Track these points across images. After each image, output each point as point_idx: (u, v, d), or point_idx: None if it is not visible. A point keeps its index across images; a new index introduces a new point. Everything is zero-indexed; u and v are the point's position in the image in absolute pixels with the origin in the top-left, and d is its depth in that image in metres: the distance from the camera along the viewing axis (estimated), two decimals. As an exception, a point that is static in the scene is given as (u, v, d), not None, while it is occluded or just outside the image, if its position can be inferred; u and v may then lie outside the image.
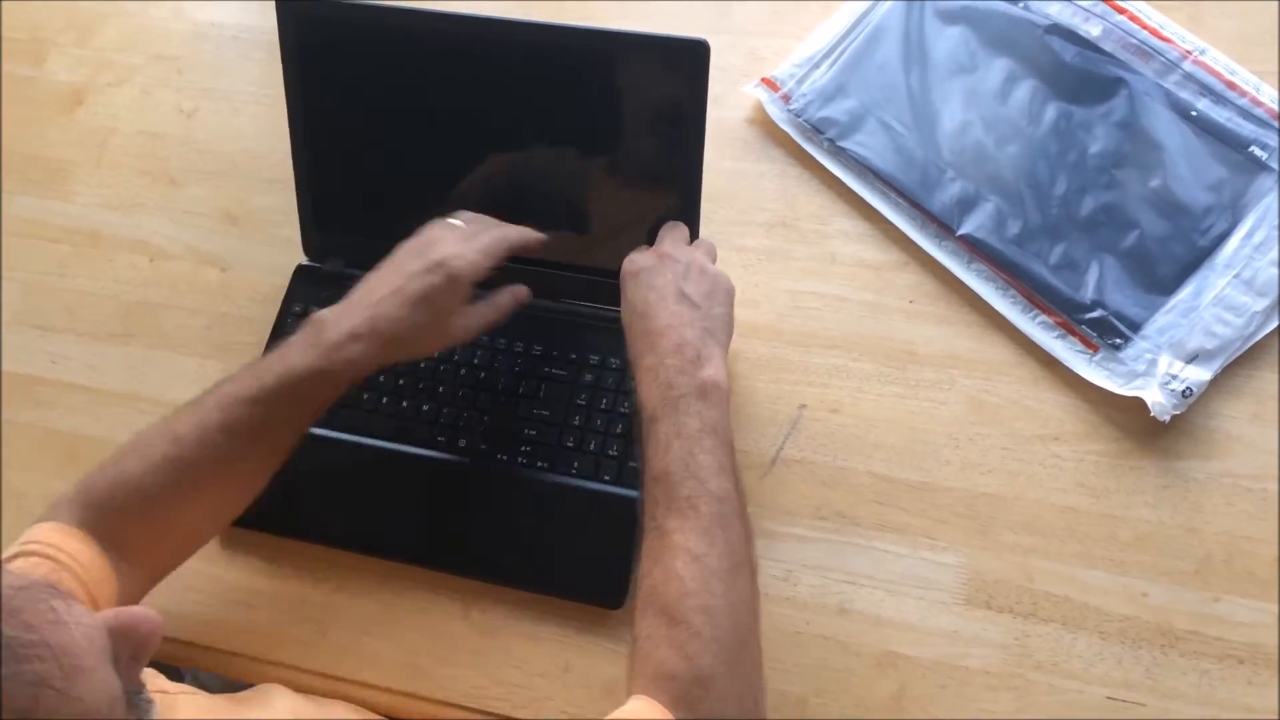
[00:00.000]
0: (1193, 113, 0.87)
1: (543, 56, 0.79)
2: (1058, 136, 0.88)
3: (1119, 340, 0.82)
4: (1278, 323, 0.81)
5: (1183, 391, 0.79)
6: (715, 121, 0.78)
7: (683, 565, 0.61)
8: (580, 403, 0.84)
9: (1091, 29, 0.90)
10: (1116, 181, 0.86)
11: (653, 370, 0.69)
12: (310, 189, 0.89)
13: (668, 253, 0.74)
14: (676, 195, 0.80)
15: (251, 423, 0.70)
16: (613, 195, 0.83)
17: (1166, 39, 0.89)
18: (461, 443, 0.84)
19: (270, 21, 0.83)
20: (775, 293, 0.88)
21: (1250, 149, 0.85)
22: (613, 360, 0.85)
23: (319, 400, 0.72)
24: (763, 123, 0.95)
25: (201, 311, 0.95)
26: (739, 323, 0.75)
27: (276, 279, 0.93)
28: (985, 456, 0.81)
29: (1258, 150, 0.85)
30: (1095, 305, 0.83)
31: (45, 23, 1.11)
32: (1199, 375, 0.80)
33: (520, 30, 0.79)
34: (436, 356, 0.86)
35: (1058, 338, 0.83)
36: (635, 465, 0.80)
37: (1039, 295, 0.84)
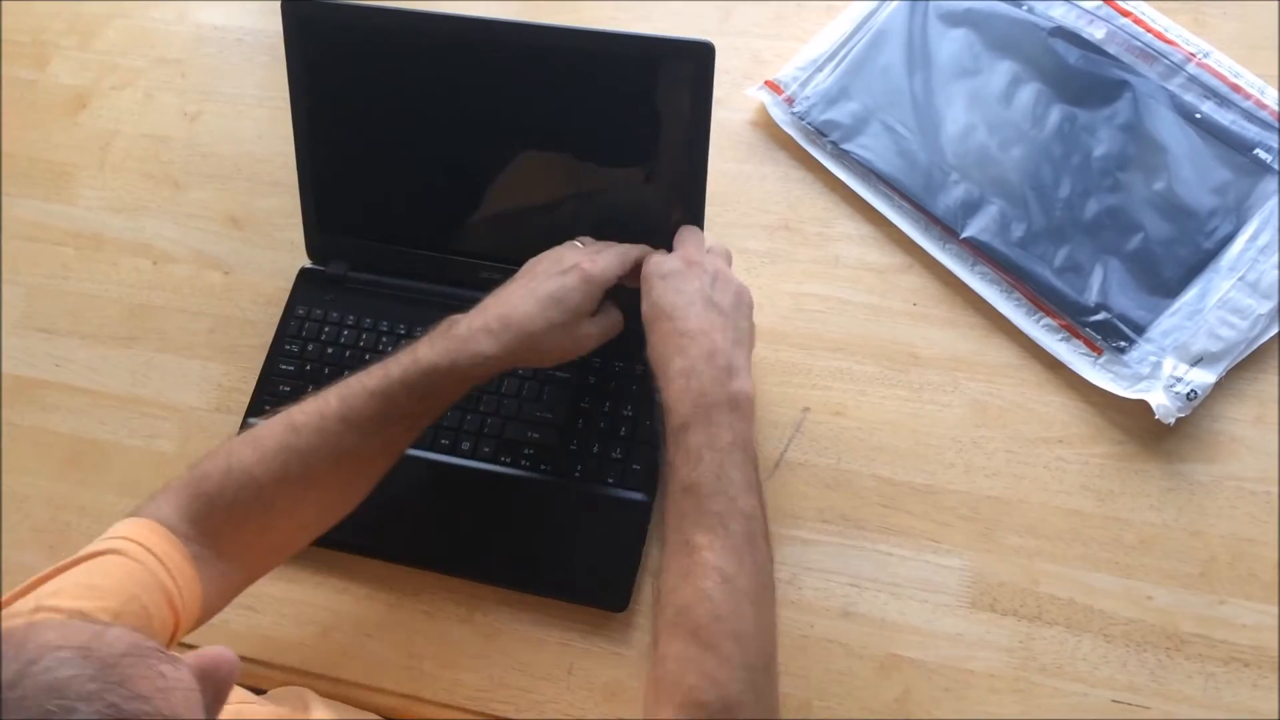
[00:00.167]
0: (1197, 115, 0.87)
1: (547, 59, 0.79)
2: (1062, 139, 0.88)
3: (1123, 343, 0.82)
4: (1282, 325, 0.81)
5: (1187, 394, 0.79)
6: (718, 124, 0.78)
7: (714, 587, 0.61)
8: (584, 406, 0.84)
9: (1095, 32, 0.90)
10: (1121, 184, 0.86)
11: (685, 374, 0.67)
12: (314, 192, 0.89)
13: (695, 259, 0.73)
14: (681, 197, 0.80)
15: (371, 414, 0.69)
16: (616, 197, 0.83)
17: (1170, 42, 0.89)
18: (464, 446, 0.84)
19: (273, 25, 0.83)
20: (778, 295, 0.88)
21: (1254, 151, 0.85)
22: (616, 363, 0.84)
23: (442, 396, 0.71)
24: (766, 125, 0.95)
25: (204, 314, 0.95)
26: (743, 325, 0.75)
27: (280, 282, 0.94)
28: (989, 459, 0.81)
29: (1262, 153, 0.85)
30: (1099, 308, 0.83)
31: (48, 26, 1.11)
32: (1203, 378, 0.80)
33: (524, 33, 0.79)
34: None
35: (1062, 340, 0.83)
36: (659, 465, 0.76)
37: (1043, 298, 0.84)
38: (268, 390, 0.88)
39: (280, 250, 0.96)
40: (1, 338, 0.97)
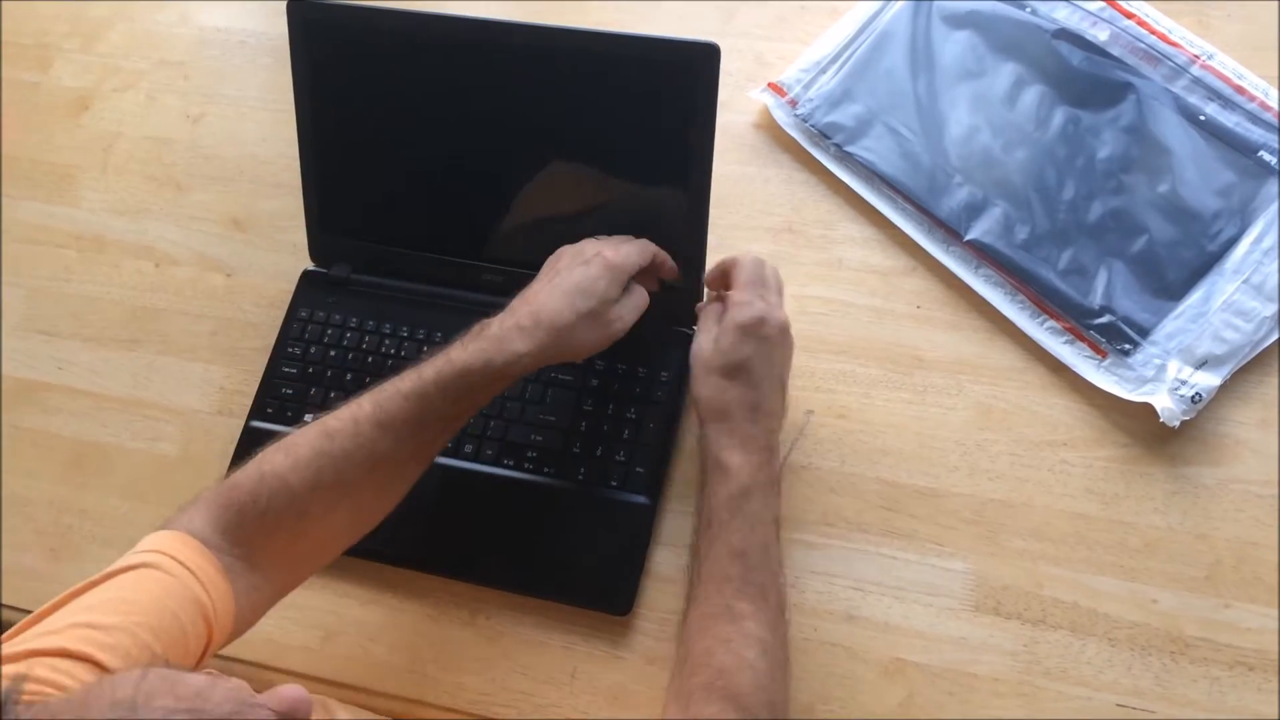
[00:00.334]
0: (1201, 117, 0.87)
1: (551, 60, 0.79)
2: (1066, 141, 0.88)
3: (1128, 346, 0.82)
4: (1287, 328, 0.81)
5: (1192, 397, 0.79)
6: (721, 126, 0.78)
7: (756, 657, 0.65)
8: (587, 408, 0.84)
9: (1099, 34, 0.90)
10: (1125, 186, 0.86)
11: (755, 442, 0.71)
12: (317, 194, 0.89)
13: (788, 326, 0.75)
14: (685, 199, 0.80)
15: (406, 417, 0.68)
16: (620, 198, 0.83)
17: (1174, 43, 0.89)
18: (468, 449, 0.84)
19: (276, 27, 0.83)
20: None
21: (1259, 153, 0.85)
22: (619, 366, 0.84)
23: (476, 397, 0.71)
24: (769, 127, 0.94)
25: (207, 317, 0.95)
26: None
27: (282, 284, 0.93)
28: (993, 462, 0.81)
29: (1266, 155, 0.85)
30: (1104, 311, 0.83)
31: (51, 28, 1.11)
32: (1208, 381, 0.79)
33: (528, 34, 0.79)
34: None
35: (1066, 343, 0.83)
36: (696, 515, 0.74)
37: (1047, 301, 0.84)
38: (270, 393, 0.88)
39: (283, 253, 0.96)
40: (3, 340, 0.97)
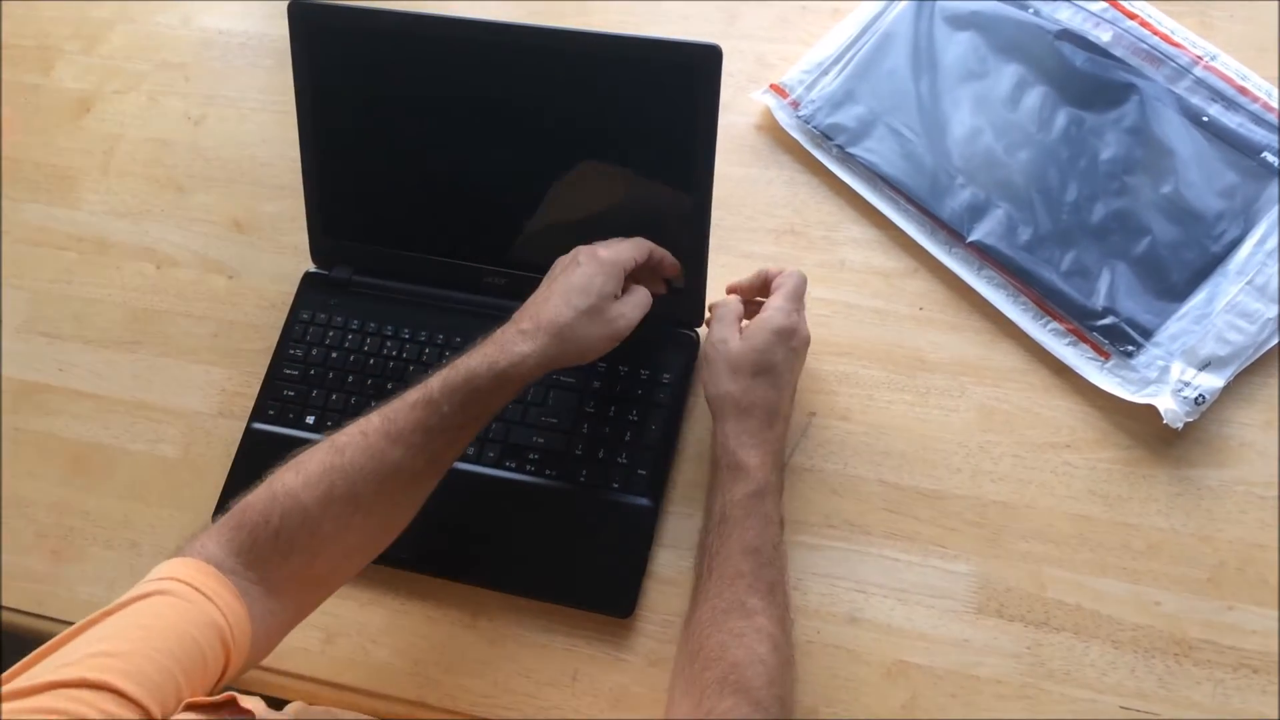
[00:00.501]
0: (1204, 118, 0.86)
1: (553, 62, 0.79)
2: (1068, 143, 0.87)
3: (1131, 347, 0.81)
4: (1290, 329, 0.81)
5: (1195, 399, 0.79)
6: (723, 127, 0.77)
7: (767, 653, 0.66)
8: (589, 410, 0.84)
9: (1102, 34, 0.90)
10: (1128, 188, 0.86)
11: (770, 445, 0.74)
12: (318, 196, 0.89)
13: (809, 343, 0.78)
14: (687, 201, 0.80)
15: (415, 426, 0.68)
16: (623, 200, 0.83)
17: (1177, 44, 0.89)
18: (469, 450, 0.83)
19: (278, 29, 0.83)
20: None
21: (1262, 155, 0.85)
22: (621, 367, 0.84)
23: (484, 404, 0.70)
24: (771, 129, 0.94)
25: (209, 318, 0.95)
26: (749, 330, 0.75)
27: (284, 286, 0.93)
28: (996, 464, 0.81)
29: (1269, 156, 0.85)
30: (1107, 312, 0.82)
31: (52, 30, 1.11)
32: (1211, 382, 0.79)
33: (530, 36, 0.78)
34: (444, 362, 0.86)
35: (1069, 345, 0.83)
36: (707, 509, 0.75)
37: (1050, 302, 0.83)
38: (271, 395, 0.88)
39: (284, 254, 0.96)
40: (5, 342, 0.97)
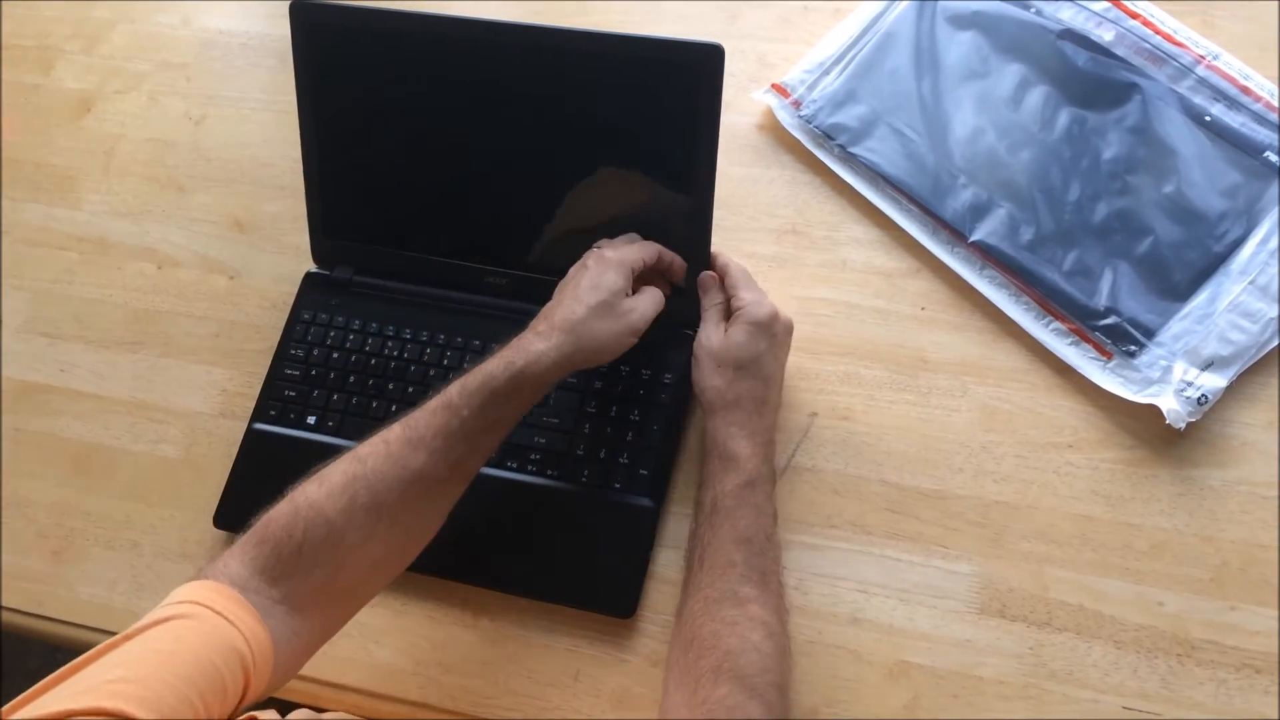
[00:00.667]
0: (1206, 118, 0.86)
1: (555, 62, 0.79)
2: (1071, 142, 0.87)
3: (1133, 347, 0.81)
4: (1293, 329, 0.81)
5: (1198, 399, 0.79)
6: (725, 127, 0.77)
7: (761, 640, 0.67)
8: (590, 410, 0.83)
9: (1104, 34, 0.90)
10: (1130, 187, 0.85)
11: (760, 434, 0.75)
12: (320, 196, 0.89)
13: (791, 324, 0.79)
14: (689, 201, 0.80)
15: (435, 430, 0.68)
16: (624, 201, 0.83)
17: (1180, 44, 0.89)
18: (471, 450, 0.83)
19: (279, 28, 0.83)
20: (786, 300, 0.87)
21: (1265, 154, 0.85)
22: (623, 367, 0.84)
23: (503, 407, 0.70)
24: (773, 129, 0.94)
25: (210, 319, 0.95)
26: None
27: (285, 286, 0.93)
28: (998, 464, 0.81)
29: (1272, 155, 0.85)
30: (1109, 312, 0.82)
31: (53, 30, 1.11)
32: (1214, 382, 0.79)
33: (531, 35, 0.78)
34: (445, 363, 0.86)
35: (1071, 345, 0.82)
36: (697, 491, 0.77)
37: (1052, 302, 0.83)
38: (272, 395, 0.88)
39: (285, 255, 0.96)
40: (5, 342, 0.97)
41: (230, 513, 0.86)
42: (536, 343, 0.71)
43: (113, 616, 0.85)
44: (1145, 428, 0.80)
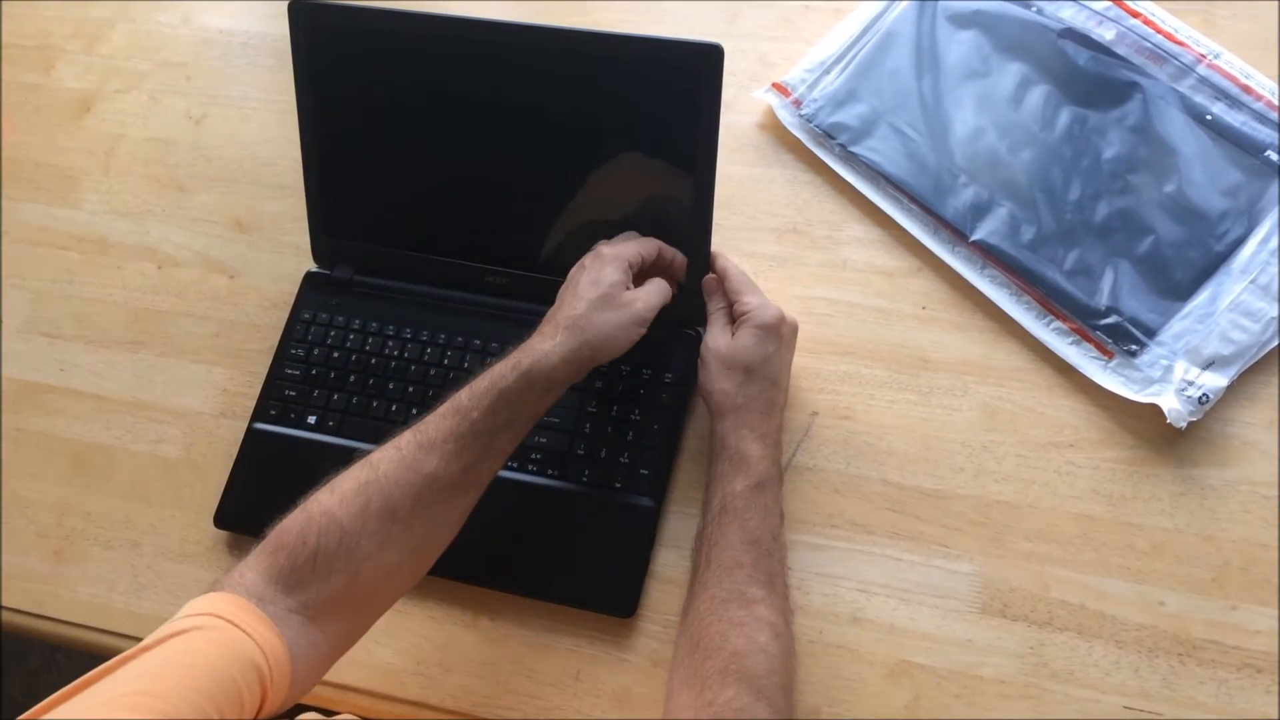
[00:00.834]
0: (1207, 117, 0.86)
1: (555, 61, 0.79)
2: (1071, 141, 0.87)
3: (1134, 346, 0.81)
4: (1294, 328, 0.81)
5: (1199, 398, 0.79)
6: (725, 127, 0.77)
7: (768, 641, 0.67)
8: (591, 410, 0.83)
9: (1105, 33, 0.90)
10: (1131, 187, 0.85)
11: (770, 435, 0.76)
12: (320, 195, 0.89)
13: (788, 318, 0.79)
14: (689, 200, 0.80)
15: (446, 433, 0.68)
16: (624, 199, 0.83)
17: (1181, 43, 0.89)
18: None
19: (279, 28, 0.83)
20: (786, 299, 0.87)
21: (1266, 153, 0.85)
22: (624, 367, 0.84)
23: (514, 409, 0.70)
24: (773, 128, 0.94)
25: (210, 318, 0.95)
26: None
27: (285, 286, 0.93)
28: (999, 464, 0.81)
29: (1273, 154, 0.84)
30: (1110, 311, 0.82)
31: (53, 30, 1.11)
32: (1215, 382, 0.79)
33: (530, 35, 0.78)
34: (446, 362, 0.86)
35: (1072, 344, 0.82)
36: (703, 492, 0.77)
37: (1053, 301, 0.83)
38: (273, 395, 0.88)
39: (285, 254, 0.96)
40: (6, 342, 0.97)
41: (230, 512, 0.86)
42: (541, 342, 0.71)
43: (113, 616, 0.85)
44: (1146, 427, 0.80)
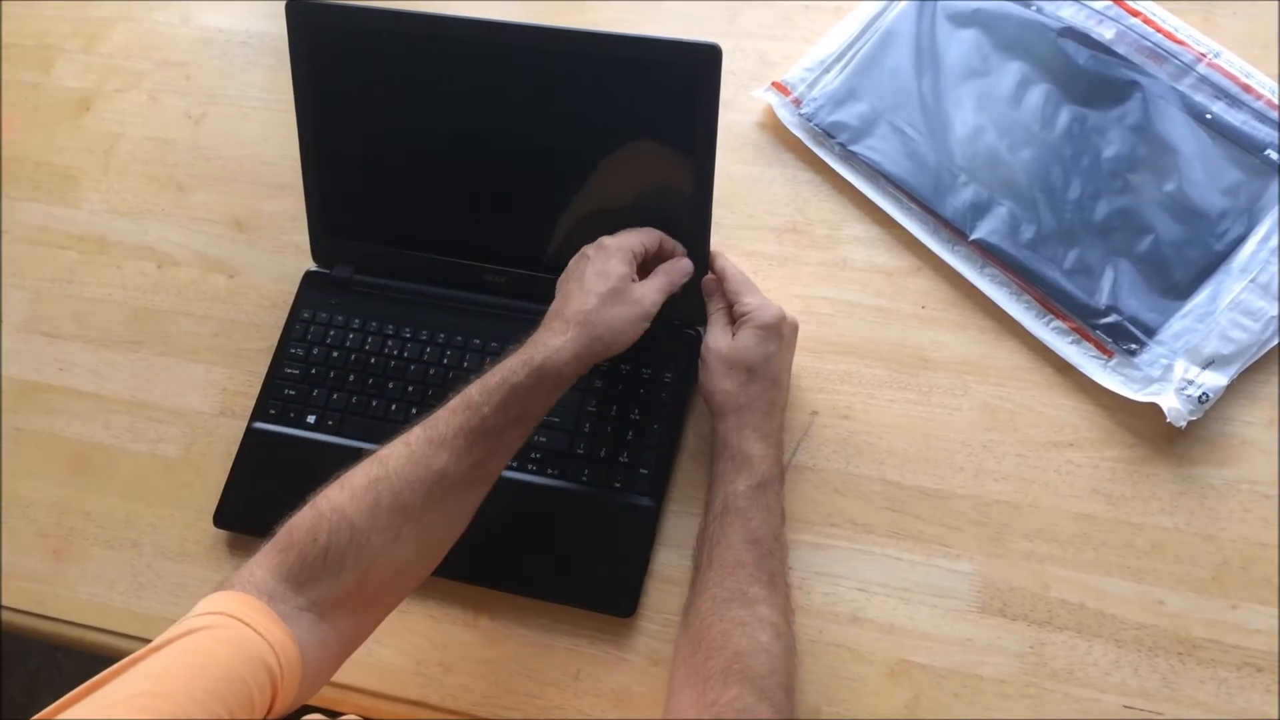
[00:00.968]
0: (1207, 116, 0.86)
1: (553, 61, 0.79)
2: (1071, 140, 0.87)
3: (1134, 345, 0.81)
4: (1294, 327, 0.81)
5: (1199, 397, 0.79)
6: (725, 126, 0.77)
7: (770, 641, 0.67)
8: (591, 409, 0.83)
9: (1105, 32, 0.90)
10: (1131, 186, 0.85)
11: (772, 435, 0.76)
12: (319, 195, 0.89)
13: (788, 319, 0.79)
14: (689, 199, 0.80)
15: (456, 429, 0.68)
16: (624, 198, 0.83)
17: (1180, 42, 0.89)
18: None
19: (278, 27, 0.83)
20: (786, 299, 0.87)
21: (1266, 152, 0.85)
22: (624, 366, 0.84)
23: (524, 404, 0.70)
24: (773, 127, 0.94)
25: (209, 318, 0.95)
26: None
27: (285, 285, 0.93)
28: (999, 463, 0.81)
29: (1273, 153, 0.84)
30: (1110, 310, 0.82)
31: (52, 29, 1.11)
32: (1215, 381, 0.79)
33: (530, 35, 0.78)
34: (445, 361, 0.86)
35: (1072, 343, 0.82)
36: (706, 490, 0.77)
37: (1053, 300, 0.83)
38: (272, 394, 0.88)
39: (285, 254, 0.96)
40: (5, 341, 0.97)
41: (230, 512, 0.86)
42: (553, 338, 0.71)
43: (112, 616, 0.85)
44: (1146, 426, 0.80)
